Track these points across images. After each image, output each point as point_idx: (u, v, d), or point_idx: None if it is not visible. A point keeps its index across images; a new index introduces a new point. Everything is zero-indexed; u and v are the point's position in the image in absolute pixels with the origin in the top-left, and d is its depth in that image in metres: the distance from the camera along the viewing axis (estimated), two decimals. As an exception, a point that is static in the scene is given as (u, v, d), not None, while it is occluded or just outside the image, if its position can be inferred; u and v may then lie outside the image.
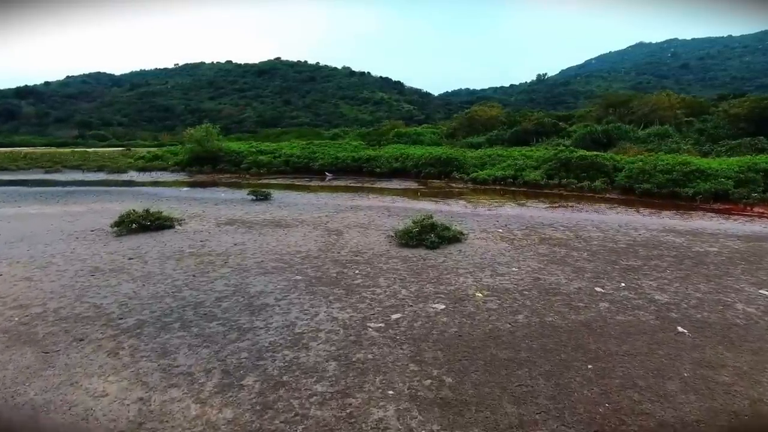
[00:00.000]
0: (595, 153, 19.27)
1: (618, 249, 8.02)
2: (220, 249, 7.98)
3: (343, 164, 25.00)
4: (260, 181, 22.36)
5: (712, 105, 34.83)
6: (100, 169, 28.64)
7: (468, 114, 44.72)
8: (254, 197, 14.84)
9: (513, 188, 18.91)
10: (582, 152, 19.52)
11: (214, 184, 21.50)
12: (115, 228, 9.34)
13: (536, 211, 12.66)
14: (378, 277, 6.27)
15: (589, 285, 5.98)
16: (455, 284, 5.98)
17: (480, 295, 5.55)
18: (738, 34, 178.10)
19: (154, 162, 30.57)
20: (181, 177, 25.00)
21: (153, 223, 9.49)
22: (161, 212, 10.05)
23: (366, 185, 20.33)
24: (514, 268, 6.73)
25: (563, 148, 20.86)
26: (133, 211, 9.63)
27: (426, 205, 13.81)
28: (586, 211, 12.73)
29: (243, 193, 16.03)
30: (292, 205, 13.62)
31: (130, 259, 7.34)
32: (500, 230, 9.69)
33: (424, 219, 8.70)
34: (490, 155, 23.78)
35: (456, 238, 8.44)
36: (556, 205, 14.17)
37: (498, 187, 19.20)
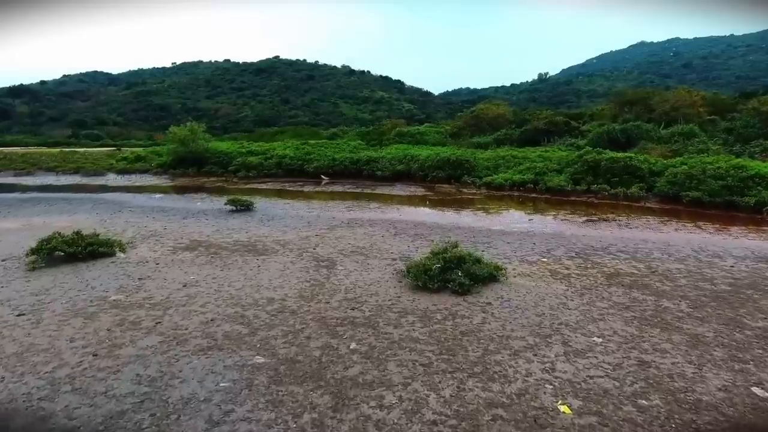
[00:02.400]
0: (627, 154, 16.92)
1: (723, 294, 5.66)
2: (160, 295, 5.61)
3: (341, 166, 22.61)
4: (248, 186, 19.99)
5: (737, 102, 32.55)
6: (76, 171, 26.24)
7: (474, 112, 42.49)
8: (233, 208, 12.47)
9: (534, 195, 16.54)
10: (612, 154, 17.16)
11: (196, 189, 19.11)
12: (32, 257, 6.97)
13: (576, 228, 10.29)
14: (387, 361, 3.90)
15: (735, 378, 3.63)
16: (515, 379, 3.61)
17: (566, 410, 3.19)
18: (740, 33, 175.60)
19: (136, 163, 28.15)
20: (161, 180, 22.61)
21: (84, 250, 7.11)
22: (98, 234, 7.67)
23: (366, 191, 17.96)
24: (595, 337, 4.37)
25: (589, 149, 18.50)
26: (58, 234, 7.25)
27: (438, 219, 11.44)
28: (637, 227, 10.36)
29: (223, 202, 13.63)
30: (276, 218, 11.24)
31: (19, 315, 4.98)
32: (544, 259, 7.33)
33: (446, 248, 6.33)
34: (504, 157, 21.41)
35: (492, 276, 6.07)
36: (595, 217, 11.81)
37: (516, 194, 16.84)
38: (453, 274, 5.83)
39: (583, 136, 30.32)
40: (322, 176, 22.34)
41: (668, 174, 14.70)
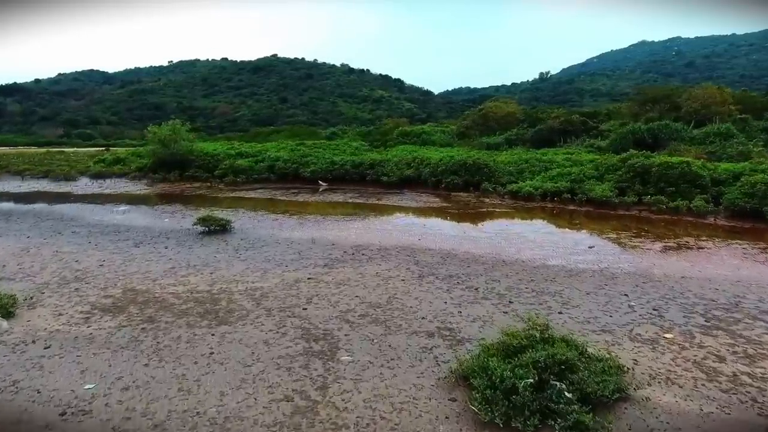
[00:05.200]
0: (683, 159, 14.23)
1: None
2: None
3: (341, 171, 19.88)
4: (233, 194, 17.29)
5: (773, 100, 30.02)
6: (45, 175, 23.47)
7: (482, 111, 39.87)
8: (205, 228, 9.77)
9: (572, 207, 13.88)
10: (664, 158, 14.51)
11: (173, 197, 16.42)
12: None
13: (660, 261, 7.60)
14: None
15: None
16: None
17: None
18: (742, 33, 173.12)
19: (114, 166, 25.32)
20: (137, 187, 19.88)
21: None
22: (-31, 291, 4.97)
23: (371, 201, 15.28)
24: None
25: (634, 152, 15.83)
26: None
27: (470, 245, 8.73)
28: (741, 260, 7.66)
29: (194, 220, 10.84)
30: (257, 246, 8.53)
31: None
32: (668, 335, 4.65)
33: (533, 336, 3.66)
34: (527, 160, 18.72)
35: (619, 391, 3.40)
36: (671, 241, 9.13)
37: (550, 206, 14.17)
38: (555, 394, 3.14)
39: (603, 137, 27.94)
40: (320, 182, 19.66)
41: (743, 184, 12.04)
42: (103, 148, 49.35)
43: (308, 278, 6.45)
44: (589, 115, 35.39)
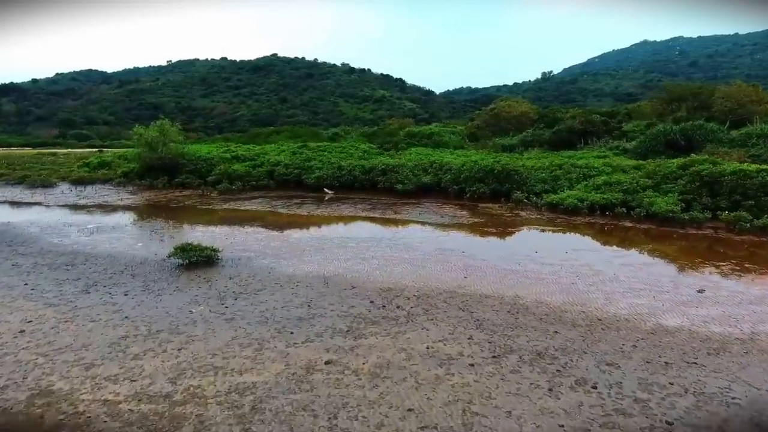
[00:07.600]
0: (761, 167, 12.01)
1: None
2: None
3: (349, 177, 17.64)
4: (227, 205, 15.04)
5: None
6: (20, 181, 21.22)
7: (493, 111, 37.71)
8: (185, 261, 7.52)
9: (627, 223, 11.67)
10: (737, 165, 12.29)
11: (157, 209, 14.19)
12: None
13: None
14: None
15: None
16: None
17: None
18: (744, 32, 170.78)
19: (98, 171, 23.09)
20: (120, 196, 17.62)
21: None
22: None
23: (387, 215, 13.03)
24: None
25: (696, 157, 13.63)
26: None
27: (539, 288, 6.49)
28: None
29: (185, 237, 8.60)
30: (251, 290, 6.27)
31: None
32: None
33: None
34: (560, 165, 16.48)
35: None
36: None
37: (601, 221, 11.93)
38: None
39: (628, 138, 25.95)
40: (326, 189, 17.43)
41: None
42: (98, 150, 47.15)
43: (326, 362, 4.20)
44: (608, 115, 33.31)
